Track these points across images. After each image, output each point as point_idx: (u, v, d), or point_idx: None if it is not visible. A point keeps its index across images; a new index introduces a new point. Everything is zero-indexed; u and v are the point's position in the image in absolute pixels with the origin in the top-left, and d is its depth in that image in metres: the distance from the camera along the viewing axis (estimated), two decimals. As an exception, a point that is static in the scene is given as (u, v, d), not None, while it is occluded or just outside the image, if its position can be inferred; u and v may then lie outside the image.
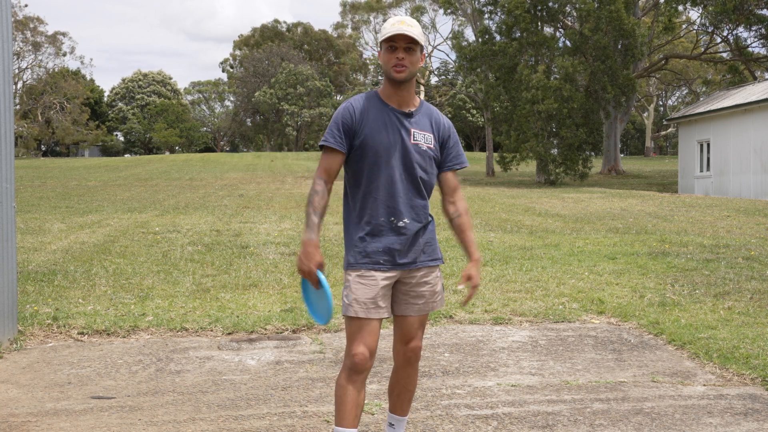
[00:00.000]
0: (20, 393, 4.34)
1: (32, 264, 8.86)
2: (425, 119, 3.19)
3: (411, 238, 3.12)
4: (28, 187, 25.00)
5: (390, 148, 3.08)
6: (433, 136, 3.19)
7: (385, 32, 3.05)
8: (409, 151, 3.11)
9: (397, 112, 3.12)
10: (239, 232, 12.45)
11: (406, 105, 3.15)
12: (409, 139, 3.11)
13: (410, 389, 3.31)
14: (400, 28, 3.01)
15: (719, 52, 42.95)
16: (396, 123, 3.11)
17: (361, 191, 3.10)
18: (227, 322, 5.88)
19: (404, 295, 3.18)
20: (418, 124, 3.15)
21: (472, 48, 33.59)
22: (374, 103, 3.13)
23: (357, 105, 3.12)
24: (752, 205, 19.11)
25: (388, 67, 3.05)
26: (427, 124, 3.18)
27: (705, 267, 8.61)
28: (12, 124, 5.53)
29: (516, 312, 6.35)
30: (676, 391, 4.35)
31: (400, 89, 3.11)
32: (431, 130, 3.19)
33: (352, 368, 3.04)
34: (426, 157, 3.15)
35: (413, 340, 3.22)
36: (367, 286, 3.06)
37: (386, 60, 3.06)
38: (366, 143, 3.07)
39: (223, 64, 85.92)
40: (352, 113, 3.10)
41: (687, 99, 67.61)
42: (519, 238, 11.75)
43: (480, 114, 64.68)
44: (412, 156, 3.11)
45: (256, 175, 32.74)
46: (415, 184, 3.13)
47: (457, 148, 3.25)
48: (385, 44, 3.06)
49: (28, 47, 63.03)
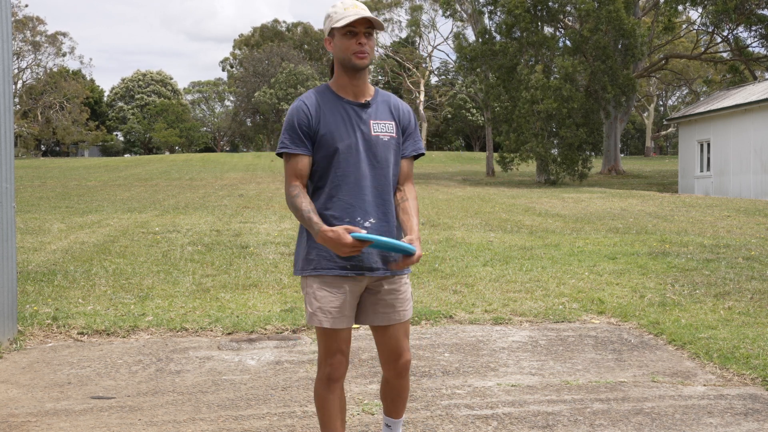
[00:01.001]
0: (20, 393, 4.34)
1: (32, 264, 8.86)
2: (384, 107, 2.98)
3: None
4: (28, 187, 24.99)
5: (351, 144, 2.87)
6: (395, 124, 2.98)
7: (340, 17, 2.81)
8: (373, 144, 2.90)
9: (354, 104, 2.91)
10: (239, 232, 12.44)
11: (362, 95, 2.93)
12: (370, 132, 2.91)
13: (404, 396, 3.16)
14: (359, 12, 2.80)
15: (719, 52, 42.95)
16: (354, 116, 2.90)
17: (324, 192, 2.89)
18: (227, 322, 5.88)
19: (373, 305, 2.98)
20: (377, 114, 2.94)
21: (472, 48, 33.61)
22: (328, 97, 2.91)
23: (310, 103, 2.89)
24: (752, 205, 19.11)
25: (348, 54, 2.82)
26: (386, 111, 2.97)
27: (705, 267, 8.60)
28: (12, 124, 5.53)
29: (516, 312, 6.35)
30: (677, 391, 4.34)
31: (356, 79, 2.89)
32: (391, 117, 2.98)
33: (330, 378, 2.92)
34: (390, 148, 2.95)
35: (402, 355, 3.04)
36: (333, 294, 2.87)
37: (345, 47, 2.82)
38: (325, 142, 2.85)
39: (223, 63, 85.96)
40: (306, 113, 2.87)
41: (687, 99, 67.60)
42: (519, 238, 11.75)
43: (480, 114, 64.66)
44: (376, 149, 2.91)
45: (256, 175, 32.73)
46: (382, 180, 2.92)
47: (416, 134, 3.04)
48: (340, 31, 2.83)
49: (28, 47, 63.02)
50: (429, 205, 18.89)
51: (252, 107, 74.18)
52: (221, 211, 16.60)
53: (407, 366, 3.06)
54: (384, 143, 2.92)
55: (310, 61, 75.05)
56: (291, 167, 2.88)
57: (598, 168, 38.80)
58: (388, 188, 2.94)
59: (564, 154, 30.83)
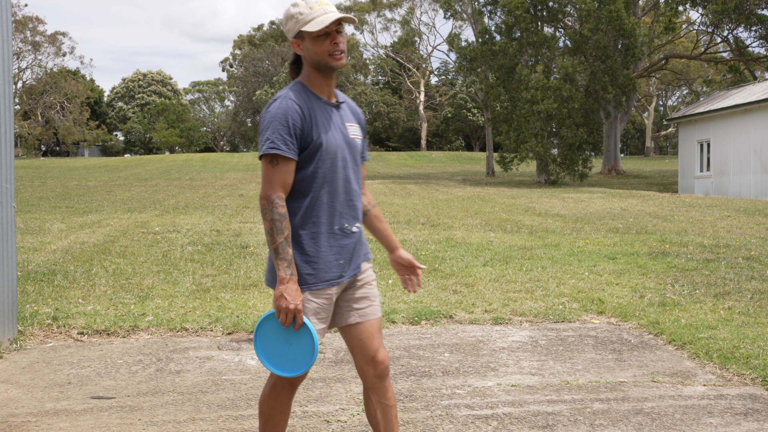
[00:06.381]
0: (20, 393, 4.34)
1: (32, 264, 8.86)
2: (348, 109, 2.85)
3: (359, 240, 2.83)
4: (28, 187, 24.99)
5: (339, 146, 2.72)
6: (359, 126, 2.88)
7: (308, 18, 2.63)
8: (351, 146, 2.78)
9: (331, 105, 2.75)
10: (239, 232, 12.45)
11: (333, 96, 2.78)
12: (349, 134, 2.78)
13: (392, 404, 2.88)
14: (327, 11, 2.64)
15: (719, 52, 42.96)
16: (336, 118, 2.75)
17: (308, 200, 2.68)
18: (227, 322, 5.88)
19: (346, 302, 2.83)
20: (347, 116, 2.82)
21: (472, 48, 33.63)
22: (311, 97, 2.70)
23: (301, 102, 2.67)
24: (752, 205, 19.10)
25: (325, 56, 2.65)
26: (350, 114, 2.85)
27: (705, 267, 8.60)
28: (12, 124, 5.53)
29: (516, 312, 6.35)
30: (676, 391, 4.34)
31: (330, 79, 2.73)
32: (355, 120, 2.87)
33: (293, 383, 2.79)
34: (359, 150, 2.84)
35: (377, 351, 2.81)
36: (320, 305, 2.72)
37: (319, 50, 2.65)
38: (321, 145, 2.66)
39: (223, 63, 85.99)
40: (300, 113, 2.64)
41: (687, 99, 67.63)
42: (519, 238, 11.75)
43: (480, 114, 64.66)
44: (354, 152, 2.80)
45: (256, 175, 32.72)
46: (359, 183, 2.83)
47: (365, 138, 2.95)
48: (313, 33, 2.64)
49: (28, 47, 63.03)
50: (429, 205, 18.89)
51: (252, 107, 74.21)
52: (221, 211, 16.60)
53: (387, 364, 2.84)
54: (357, 146, 2.82)
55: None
56: (280, 173, 2.62)
57: (598, 168, 38.82)
58: (360, 192, 2.85)
59: (564, 154, 30.84)
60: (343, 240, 2.74)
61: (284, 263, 2.58)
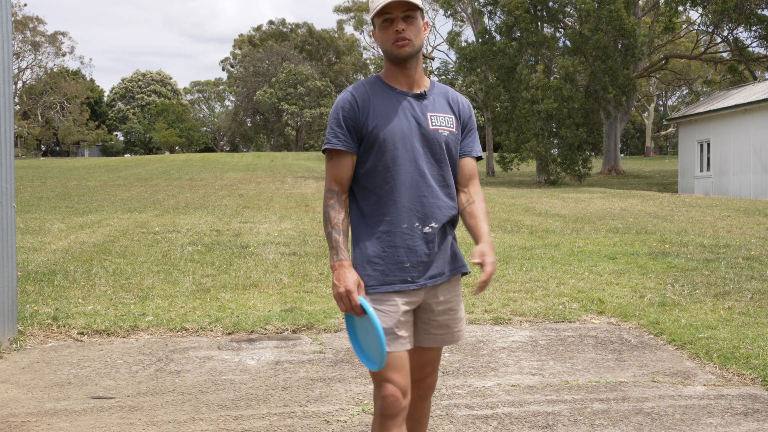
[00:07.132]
0: (20, 393, 4.34)
1: (32, 264, 8.86)
2: (441, 99, 2.65)
3: (438, 245, 2.59)
4: (28, 187, 24.99)
5: (406, 138, 2.52)
6: (454, 117, 2.64)
7: (375, 5, 2.50)
8: (431, 138, 2.56)
9: (408, 95, 2.57)
10: (239, 232, 12.45)
11: (416, 86, 2.60)
12: (428, 125, 2.56)
13: (424, 423, 2.78)
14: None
15: (719, 52, 42.97)
16: (409, 108, 2.56)
17: (375, 195, 2.54)
18: (227, 322, 5.88)
19: (425, 324, 2.64)
20: (434, 106, 2.60)
21: (472, 48, 33.62)
22: (378, 87, 2.58)
23: (358, 93, 2.55)
24: (752, 205, 19.11)
25: (388, 44, 2.51)
26: (444, 104, 2.64)
27: (705, 267, 8.60)
28: (12, 124, 5.53)
29: (516, 312, 6.35)
30: (676, 391, 4.34)
31: (406, 68, 2.56)
32: (450, 110, 2.65)
33: (383, 413, 2.49)
34: (450, 143, 2.61)
35: (429, 376, 2.72)
36: (386, 313, 2.49)
37: (384, 38, 2.52)
38: (377, 136, 2.51)
39: (223, 63, 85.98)
40: (353, 103, 2.53)
41: (687, 99, 67.61)
42: (519, 238, 11.75)
43: (480, 114, 64.65)
44: (434, 145, 2.56)
45: (256, 175, 32.72)
46: (442, 179, 2.59)
47: (476, 133, 2.72)
48: (378, 20, 2.52)
49: (28, 47, 63.04)
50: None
51: (252, 107, 74.19)
52: (221, 211, 16.60)
53: (432, 387, 2.75)
54: (438, 138, 2.58)
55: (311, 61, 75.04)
56: (332, 167, 2.56)
57: (598, 168, 38.81)
58: (446, 190, 2.61)
59: (564, 154, 30.84)
60: (411, 240, 2.52)
61: (333, 251, 2.48)
